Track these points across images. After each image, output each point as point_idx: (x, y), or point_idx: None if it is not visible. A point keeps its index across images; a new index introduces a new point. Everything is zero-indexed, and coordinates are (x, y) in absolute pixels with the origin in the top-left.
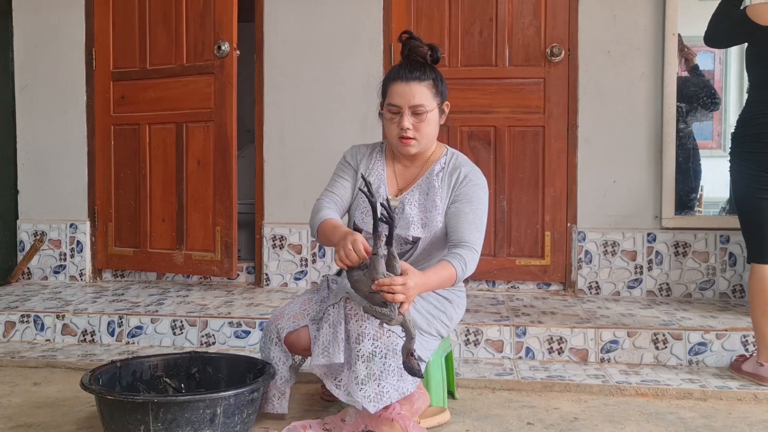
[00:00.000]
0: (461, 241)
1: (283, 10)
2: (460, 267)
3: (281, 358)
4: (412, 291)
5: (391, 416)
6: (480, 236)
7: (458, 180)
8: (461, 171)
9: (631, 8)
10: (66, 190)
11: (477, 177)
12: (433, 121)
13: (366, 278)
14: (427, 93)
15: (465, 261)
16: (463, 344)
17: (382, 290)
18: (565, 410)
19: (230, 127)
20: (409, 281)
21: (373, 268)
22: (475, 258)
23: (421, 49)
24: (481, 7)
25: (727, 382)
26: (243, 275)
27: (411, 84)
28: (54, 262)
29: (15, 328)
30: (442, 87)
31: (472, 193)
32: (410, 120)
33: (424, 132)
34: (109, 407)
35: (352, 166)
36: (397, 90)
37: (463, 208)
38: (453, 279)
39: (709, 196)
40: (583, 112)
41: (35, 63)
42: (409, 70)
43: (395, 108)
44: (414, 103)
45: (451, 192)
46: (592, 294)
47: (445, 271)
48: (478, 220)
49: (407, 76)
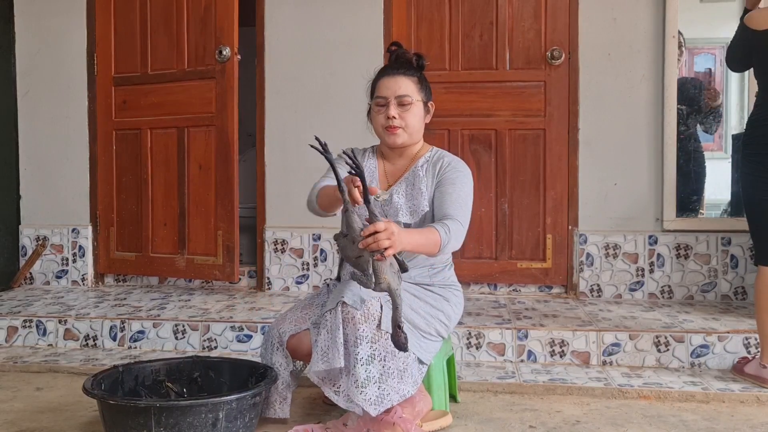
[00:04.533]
0: (446, 215)
1: (283, 14)
2: (443, 232)
3: (283, 363)
4: (396, 236)
5: (393, 420)
6: (465, 212)
7: (442, 167)
8: (444, 160)
9: (631, 11)
10: (68, 195)
11: (460, 165)
12: (418, 113)
13: (348, 242)
14: (413, 86)
15: (449, 228)
16: (465, 347)
17: (366, 241)
18: (568, 413)
19: (231, 131)
20: (391, 225)
21: (349, 227)
22: (460, 230)
23: (407, 55)
24: (481, 10)
25: (730, 385)
26: (245, 279)
27: (397, 77)
28: (56, 267)
29: (17, 333)
30: (426, 88)
31: (455, 177)
32: (396, 110)
33: (410, 122)
34: (112, 412)
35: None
36: (384, 83)
37: (447, 189)
38: (437, 243)
39: (711, 198)
40: (583, 114)
41: (37, 68)
42: (396, 66)
43: (382, 99)
44: (400, 93)
45: (435, 179)
46: (593, 297)
47: (429, 233)
48: (461, 199)
49: (393, 72)
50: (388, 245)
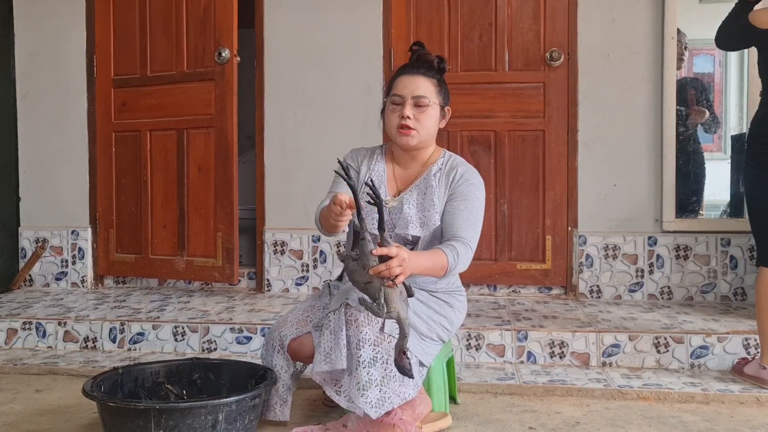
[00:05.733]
0: (455, 236)
1: (283, 16)
2: (452, 256)
3: (283, 366)
4: (407, 263)
5: (393, 421)
6: (474, 234)
7: (455, 179)
8: (458, 170)
9: (630, 12)
10: (67, 196)
11: (473, 176)
12: (434, 116)
13: (359, 267)
14: (432, 88)
15: (458, 252)
16: (465, 349)
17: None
18: (567, 415)
19: (231, 133)
20: (402, 252)
21: (363, 253)
22: (468, 254)
23: (429, 57)
24: (480, 12)
25: (729, 386)
26: (244, 281)
27: (416, 77)
28: (56, 269)
29: (17, 335)
30: (445, 92)
31: (468, 192)
32: (412, 110)
33: (425, 124)
34: (111, 414)
35: (353, 167)
36: (403, 81)
37: (459, 206)
38: (444, 267)
39: (710, 199)
40: (583, 116)
41: (36, 70)
42: (417, 65)
43: (398, 98)
44: (417, 93)
45: (448, 191)
46: (593, 298)
47: (437, 256)
48: (473, 218)
49: (414, 70)
50: (399, 272)
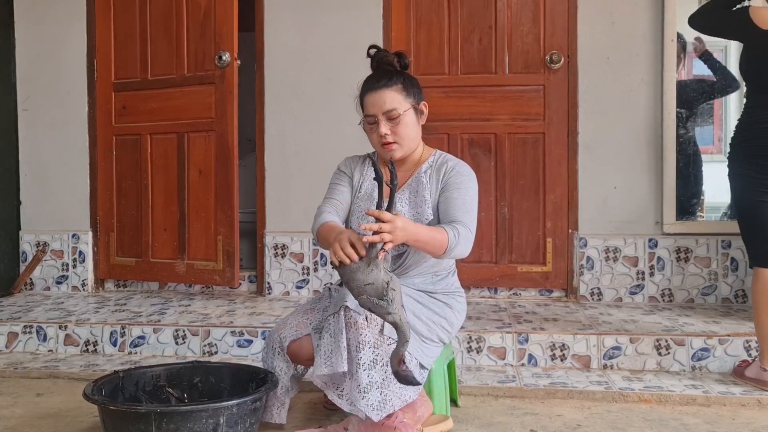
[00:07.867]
0: (454, 220)
1: (283, 19)
2: (452, 234)
3: (283, 368)
4: (399, 231)
5: (394, 424)
6: (472, 219)
7: (446, 172)
8: (448, 164)
9: (629, 15)
10: (68, 200)
11: (464, 168)
12: (409, 122)
13: (362, 264)
14: (398, 96)
15: (458, 232)
16: (466, 352)
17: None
18: (568, 417)
19: (231, 136)
20: (397, 220)
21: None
22: (468, 236)
23: (387, 58)
24: (480, 15)
25: (731, 388)
26: (245, 284)
27: (379, 92)
28: (56, 273)
29: (18, 338)
30: (414, 89)
31: (460, 182)
32: (387, 126)
33: (403, 134)
34: (112, 418)
35: (347, 174)
36: (369, 100)
37: (452, 195)
38: (443, 243)
39: (710, 201)
40: (582, 118)
41: (37, 74)
42: (377, 79)
43: (371, 118)
44: (386, 109)
45: (440, 184)
46: (594, 300)
47: (437, 232)
48: (468, 205)
49: (375, 86)
50: (389, 239)
